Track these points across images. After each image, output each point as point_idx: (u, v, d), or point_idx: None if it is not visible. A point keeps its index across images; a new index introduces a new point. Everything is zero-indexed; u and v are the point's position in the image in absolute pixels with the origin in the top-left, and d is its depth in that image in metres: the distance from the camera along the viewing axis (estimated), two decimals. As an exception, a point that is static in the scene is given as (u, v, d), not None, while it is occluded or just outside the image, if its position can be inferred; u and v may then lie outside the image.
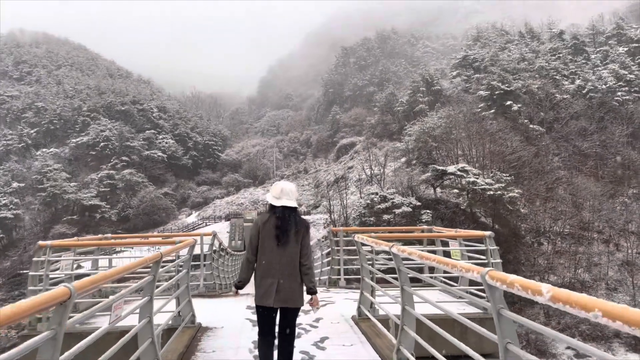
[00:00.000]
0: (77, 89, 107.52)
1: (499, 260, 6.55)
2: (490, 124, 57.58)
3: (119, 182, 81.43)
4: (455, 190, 50.31)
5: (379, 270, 6.19)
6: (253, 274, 4.73)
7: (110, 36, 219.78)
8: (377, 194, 48.35)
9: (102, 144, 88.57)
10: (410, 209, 46.73)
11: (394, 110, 79.21)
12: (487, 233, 6.98)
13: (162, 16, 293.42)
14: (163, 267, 5.31)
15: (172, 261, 6.62)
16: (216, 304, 8.62)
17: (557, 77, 64.98)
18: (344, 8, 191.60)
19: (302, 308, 4.80)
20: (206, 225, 66.15)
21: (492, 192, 47.82)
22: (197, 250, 8.62)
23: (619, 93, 60.43)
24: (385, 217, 46.59)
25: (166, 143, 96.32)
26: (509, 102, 61.30)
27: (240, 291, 4.82)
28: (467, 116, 60.31)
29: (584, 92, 61.79)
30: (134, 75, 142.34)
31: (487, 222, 50.25)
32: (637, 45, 67.42)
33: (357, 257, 6.52)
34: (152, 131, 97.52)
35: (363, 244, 6.03)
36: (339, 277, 10.24)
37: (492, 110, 60.73)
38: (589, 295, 1.76)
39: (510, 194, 48.83)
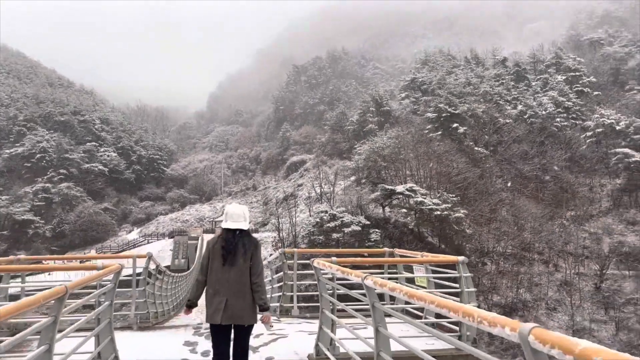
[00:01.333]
0: (13, 98, 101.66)
1: (473, 290, 5.86)
2: (438, 145, 58.51)
3: (55, 196, 76.98)
4: (404, 210, 50.49)
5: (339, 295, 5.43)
6: (205, 293, 4.90)
7: (52, 44, 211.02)
8: (326, 212, 47.75)
9: (38, 155, 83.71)
10: (360, 228, 46.37)
11: (344, 129, 79.47)
12: (460, 258, 6.24)
13: (108, 27, 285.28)
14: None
15: (94, 288, 5.63)
16: (148, 339, 7.41)
17: (501, 102, 67.19)
18: (295, 27, 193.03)
19: (253, 332, 4.95)
20: (148, 242, 63.27)
21: (439, 212, 48.28)
22: (129, 272, 7.49)
23: (558, 119, 63.08)
24: (335, 235, 46.00)
25: (108, 156, 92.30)
26: (455, 125, 62.67)
27: (182, 317, 5.04)
28: (415, 137, 61.09)
29: (525, 117, 64.10)
30: (75, 85, 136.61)
31: (434, 241, 50.68)
32: (573, 74, 70.93)
33: (312, 280, 5.80)
34: (94, 143, 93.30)
35: (323, 271, 5.19)
36: (291, 304, 9.17)
37: (440, 132, 61.85)
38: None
39: (456, 215, 49.48)
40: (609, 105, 64.84)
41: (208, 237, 50.87)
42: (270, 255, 57.44)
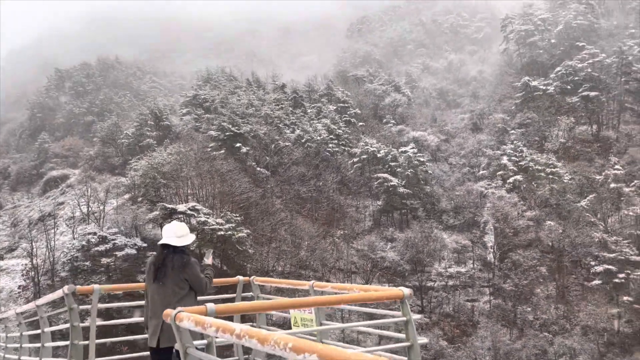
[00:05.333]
0: None
1: (425, 341, 4.15)
2: (221, 164, 57.45)
3: None
4: (185, 231, 47.57)
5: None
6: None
7: None
8: (95, 234, 42.08)
9: None
10: (135, 251, 42.04)
11: (118, 142, 72.60)
12: (406, 292, 4.29)
13: None
14: None
15: None
16: None
17: (281, 126, 69.76)
18: (59, 28, 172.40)
19: None
20: None
21: (222, 232, 46.98)
22: None
23: (330, 145, 68.17)
24: (105, 260, 40.71)
25: None
26: (238, 144, 62.58)
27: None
28: (198, 154, 59.00)
29: (303, 141, 67.63)
30: None
31: (216, 262, 48.96)
32: (342, 105, 78.06)
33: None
34: None
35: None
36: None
37: (223, 151, 60.91)
38: None
39: (239, 234, 48.81)
40: (372, 135, 72.88)
41: None
42: (20, 288, 47.69)
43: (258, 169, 62.36)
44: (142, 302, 5.43)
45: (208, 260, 6.04)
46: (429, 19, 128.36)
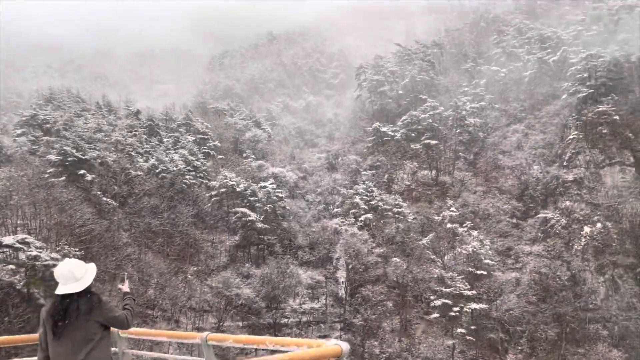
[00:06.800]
0: None
1: None
2: (60, 192, 51.66)
3: None
4: (11, 267, 41.52)
5: None
6: None
7: None
8: None
9: None
10: (-57, 292, 35.21)
11: None
12: (345, 347, 3.62)
13: None
14: None
15: None
16: None
17: (133, 154, 65.48)
18: None
19: None
20: None
21: (58, 269, 41.61)
22: None
23: (187, 176, 65.56)
24: None
25: None
26: (82, 171, 57.06)
27: None
28: (32, 180, 52.37)
29: (157, 171, 64.08)
30: None
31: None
32: (202, 136, 76.10)
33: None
34: None
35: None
36: None
37: (64, 178, 54.97)
38: None
39: (79, 271, 43.70)
40: (231, 168, 71.85)
41: None
42: None
43: (104, 199, 57.29)
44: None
45: (124, 287, 5.28)
46: (289, 60, 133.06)
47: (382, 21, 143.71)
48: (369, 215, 63.66)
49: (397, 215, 64.02)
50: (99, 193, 57.45)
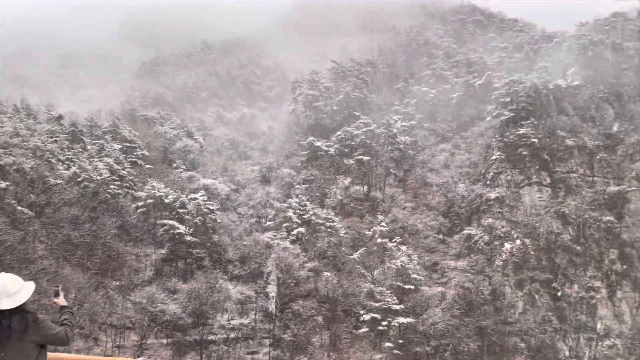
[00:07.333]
0: None
1: None
2: (-32, 199, 47.53)
3: None
4: None
5: None
6: None
7: None
8: None
9: None
10: None
11: None
12: None
13: None
14: None
15: None
16: None
17: (53, 161, 61.54)
18: None
19: None
20: None
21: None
22: None
23: (112, 186, 62.46)
24: None
25: None
26: (-5, 178, 52.85)
27: None
28: None
29: (79, 179, 60.60)
30: None
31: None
32: (129, 145, 72.99)
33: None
34: None
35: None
36: None
37: (-28, 184, 50.65)
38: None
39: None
40: (160, 179, 69.27)
41: None
42: None
43: (19, 208, 53.26)
44: None
45: (60, 300, 4.90)
46: (223, 70, 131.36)
47: (317, 37, 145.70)
48: (302, 229, 63.49)
49: (329, 230, 64.33)
50: (13, 202, 53.35)
